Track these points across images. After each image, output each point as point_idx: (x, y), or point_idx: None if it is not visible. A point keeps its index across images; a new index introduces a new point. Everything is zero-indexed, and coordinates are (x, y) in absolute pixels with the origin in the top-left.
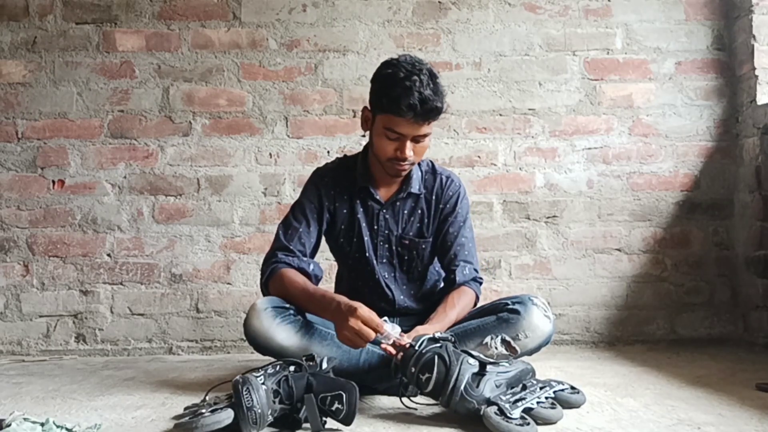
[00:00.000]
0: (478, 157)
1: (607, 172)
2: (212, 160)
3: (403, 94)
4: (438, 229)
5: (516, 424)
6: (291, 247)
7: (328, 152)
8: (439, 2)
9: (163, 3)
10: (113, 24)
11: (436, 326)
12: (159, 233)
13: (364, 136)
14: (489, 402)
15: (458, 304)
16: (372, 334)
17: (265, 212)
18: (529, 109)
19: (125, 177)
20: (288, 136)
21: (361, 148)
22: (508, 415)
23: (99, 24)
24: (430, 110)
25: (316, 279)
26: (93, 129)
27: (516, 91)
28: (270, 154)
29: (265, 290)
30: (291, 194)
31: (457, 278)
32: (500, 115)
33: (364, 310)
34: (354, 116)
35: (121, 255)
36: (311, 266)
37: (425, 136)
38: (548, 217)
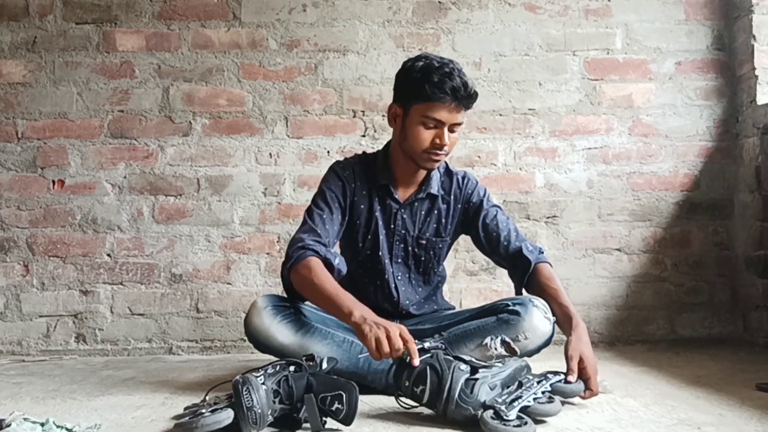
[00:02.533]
0: (478, 157)
1: (607, 172)
2: (212, 160)
3: (444, 79)
4: (468, 227)
5: (513, 426)
6: (318, 230)
7: (328, 152)
8: (439, 2)
9: (163, 3)
10: (113, 24)
11: (576, 316)
12: (159, 233)
13: (364, 136)
14: (485, 406)
15: (559, 285)
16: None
17: (265, 212)
18: (529, 109)
19: (125, 177)
20: (288, 136)
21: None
22: (505, 417)
23: (99, 24)
24: (470, 95)
25: (339, 274)
26: (93, 129)
27: (516, 91)
28: (270, 154)
29: (288, 275)
30: (291, 194)
31: (530, 259)
32: (500, 115)
33: (394, 330)
34: (354, 116)
35: (121, 255)
36: (336, 259)
37: (459, 125)
38: (548, 217)
